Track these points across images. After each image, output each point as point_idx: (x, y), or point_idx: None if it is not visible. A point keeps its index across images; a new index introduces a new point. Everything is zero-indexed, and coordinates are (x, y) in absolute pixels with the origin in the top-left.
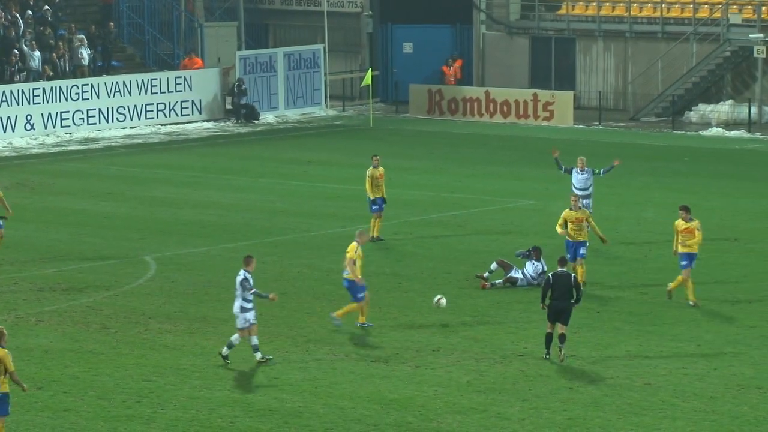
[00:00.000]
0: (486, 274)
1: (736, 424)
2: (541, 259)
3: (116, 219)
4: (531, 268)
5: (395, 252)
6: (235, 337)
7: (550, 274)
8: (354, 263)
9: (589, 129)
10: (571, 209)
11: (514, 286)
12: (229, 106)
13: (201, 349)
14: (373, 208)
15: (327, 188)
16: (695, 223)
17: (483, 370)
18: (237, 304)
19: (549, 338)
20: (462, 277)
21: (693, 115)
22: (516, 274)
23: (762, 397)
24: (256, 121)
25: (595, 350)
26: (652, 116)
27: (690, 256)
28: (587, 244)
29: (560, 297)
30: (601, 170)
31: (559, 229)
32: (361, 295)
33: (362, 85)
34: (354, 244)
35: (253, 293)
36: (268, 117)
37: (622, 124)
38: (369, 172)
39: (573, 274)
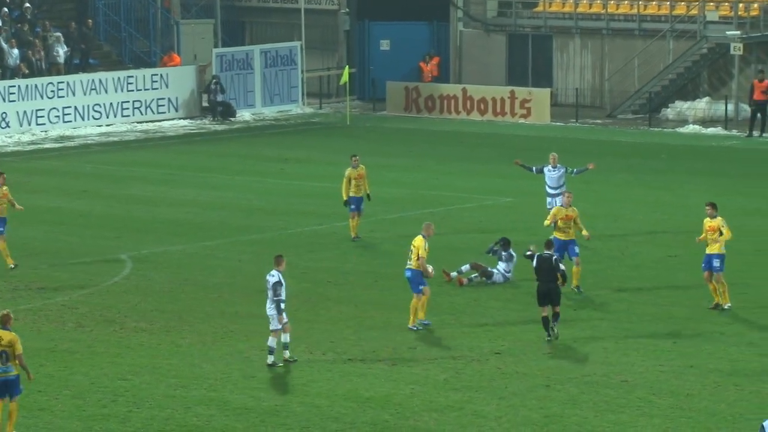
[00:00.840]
0: (454, 274)
1: (713, 421)
2: (510, 249)
3: (92, 217)
4: (503, 264)
5: (372, 250)
6: (273, 341)
7: (535, 256)
8: (425, 262)
9: (566, 126)
10: (561, 205)
11: (490, 280)
12: (205, 104)
13: (177, 347)
14: (352, 208)
15: (304, 186)
16: (718, 221)
17: (460, 368)
18: (273, 305)
19: (545, 321)
20: (439, 275)
21: (670, 113)
22: (491, 269)
23: (739, 395)
24: (232, 119)
25: (572, 348)
26: (629, 113)
27: (712, 258)
28: (576, 242)
29: (545, 279)
30: (575, 170)
31: (547, 222)
32: (421, 287)
33: (341, 83)
34: (419, 236)
35: (277, 300)
36: (244, 114)
37: (599, 121)
38: (347, 172)
39: (555, 256)
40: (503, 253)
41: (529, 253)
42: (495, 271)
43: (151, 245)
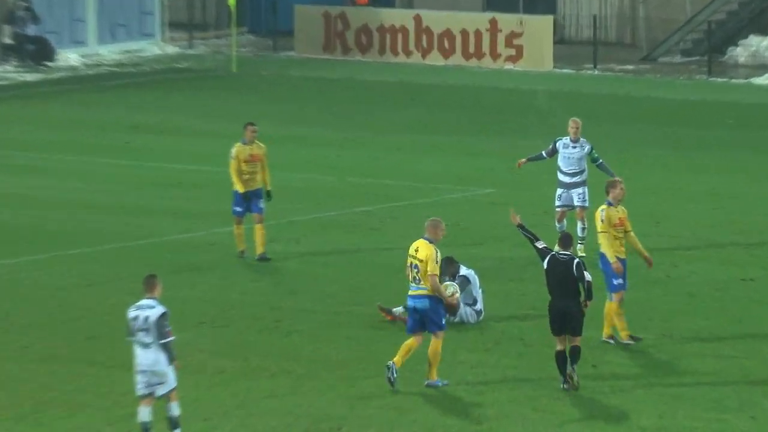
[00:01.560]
0: (400, 309)
1: None
2: (461, 271)
3: None
4: (462, 296)
5: (273, 272)
6: (146, 412)
7: (547, 257)
8: (437, 278)
9: (579, 75)
10: (609, 204)
11: (455, 317)
12: (8, 41)
13: None
14: (236, 210)
15: (164, 170)
16: None
17: None
18: (156, 356)
19: (561, 358)
20: (377, 312)
21: (740, 53)
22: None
23: None
24: (50, 64)
25: (594, 425)
26: (677, 55)
27: None
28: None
29: (561, 293)
30: (601, 160)
31: (605, 244)
32: (444, 322)
33: (230, 5)
34: (424, 242)
35: (168, 342)
36: (69, 57)
37: (629, 67)
38: (235, 150)
39: (577, 259)
40: (450, 280)
41: (540, 245)
42: (462, 304)
43: None
